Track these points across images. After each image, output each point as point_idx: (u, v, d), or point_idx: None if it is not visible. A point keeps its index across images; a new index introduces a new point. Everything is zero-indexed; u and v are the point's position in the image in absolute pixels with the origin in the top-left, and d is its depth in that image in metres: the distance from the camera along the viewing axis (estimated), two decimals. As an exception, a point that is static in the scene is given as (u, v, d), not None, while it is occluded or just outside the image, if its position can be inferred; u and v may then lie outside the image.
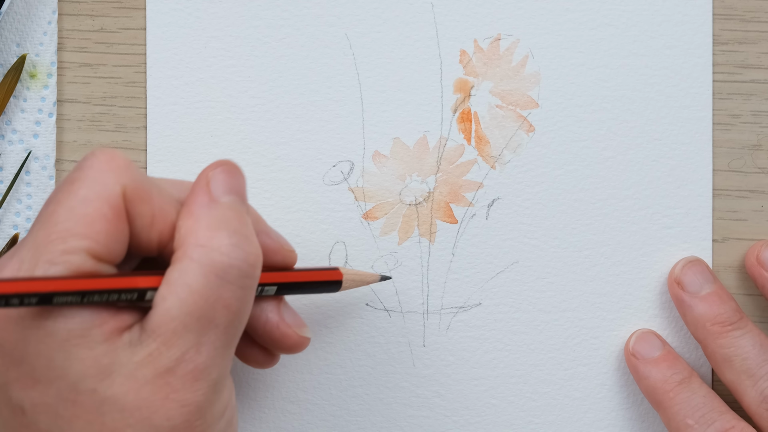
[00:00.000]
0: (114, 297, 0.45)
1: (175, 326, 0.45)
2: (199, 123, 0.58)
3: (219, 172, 0.48)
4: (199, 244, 0.45)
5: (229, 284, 0.45)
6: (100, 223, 0.45)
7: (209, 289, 0.45)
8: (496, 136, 0.58)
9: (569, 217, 0.58)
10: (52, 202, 0.45)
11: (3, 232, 0.57)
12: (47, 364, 0.44)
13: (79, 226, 0.44)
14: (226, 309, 0.45)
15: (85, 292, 0.44)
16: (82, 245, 0.44)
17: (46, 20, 0.57)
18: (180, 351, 0.45)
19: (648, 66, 0.58)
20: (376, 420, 0.57)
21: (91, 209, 0.45)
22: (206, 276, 0.45)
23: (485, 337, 0.58)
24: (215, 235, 0.46)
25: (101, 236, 0.45)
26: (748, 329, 0.55)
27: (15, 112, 0.57)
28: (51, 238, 0.44)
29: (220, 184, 0.47)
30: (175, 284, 0.45)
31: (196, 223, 0.46)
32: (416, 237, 0.58)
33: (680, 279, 0.56)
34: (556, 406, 0.58)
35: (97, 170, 0.45)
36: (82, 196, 0.45)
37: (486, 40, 0.58)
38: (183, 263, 0.45)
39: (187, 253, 0.45)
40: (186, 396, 0.45)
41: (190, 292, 0.45)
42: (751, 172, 0.58)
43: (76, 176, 0.46)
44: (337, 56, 0.58)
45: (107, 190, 0.45)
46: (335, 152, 0.58)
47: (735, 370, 0.54)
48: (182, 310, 0.45)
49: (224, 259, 0.45)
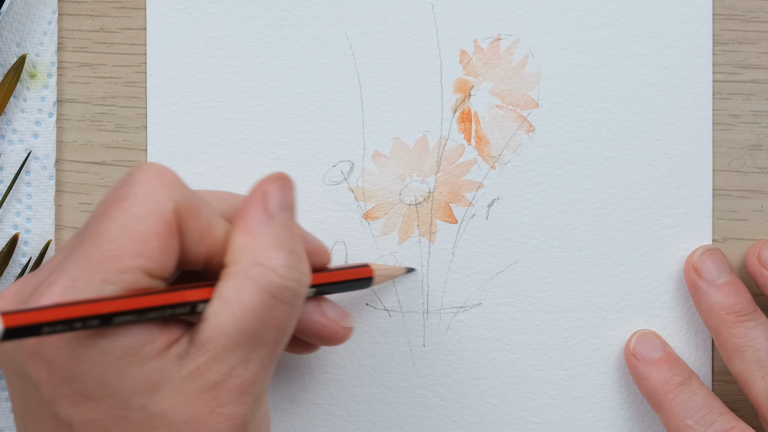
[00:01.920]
0: (168, 312, 0.45)
1: (226, 342, 0.45)
2: (199, 123, 0.58)
3: (276, 187, 0.47)
4: (256, 262, 0.45)
5: (282, 304, 0.46)
6: (155, 240, 0.44)
7: (263, 308, 0.45)
8: (496, 136, 0.58)
9: (569, 217, 0.58)
10: (102, 219, 0.45)
11: (3, 232, 0.57)
12: (100, 382, 0.44)
13: (134, 244, 0.44)
14: (277, 327, 0.46)
15: (142, 310, 0.44)
16: (138, 264, 0.44)
17: (46, 20, 0.57)
18: (229, 366, 0.45)
19: (648, 66, 0.58)
20: (376, 420, 0.57)
21: (145, 226, 0.44)
22: (261, 295, 0.45)
23: (485, 337, 0.58)
24: (273, 255, 0.46)
25: (155, 254, 0.44)
26: (762, 321, 0.55)
27: (15, 112, 0.57)
28: (105, 255, 0.44)
29: (276, 200, 0.47)
30: (229, 301, 0.45)
31: (253, 240, 0.46)
32: (416, 237, 0.58)
33: (698, 266, 0.56)
34: (556, 406, 0.58)
35: (149, 186, 0.45)
36: (136, 213, 0.44)
37: (486, 40, 0.58)
38: (238, 280, 0.45)
39: (243, 270, 0.45)
40: (232, 410, 0.45)
41: (245, 311, 0.45)
42: (751, 172, 0.58)
43: (126, 192, 0.45)
44: (337, 56, 0.58)
45: (160, 207, 0.45)
46: (335, 152, 0.58)
47: (746, 361, 0.55)
48: (235, 328, 0.45)
49: (280, 281, 0.45)
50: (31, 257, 0.57)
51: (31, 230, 0.57)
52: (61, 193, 0.58)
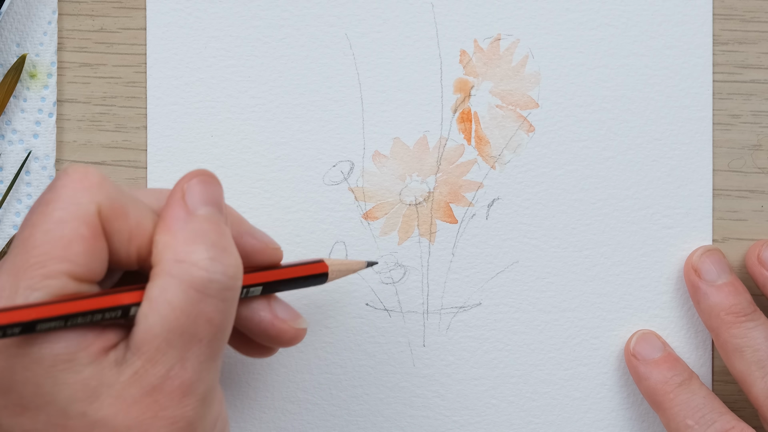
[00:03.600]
0: (98, 317, 0.44)
1: (158, 343, 0.44)
2: (199, 123, 0.58)
3: (195, 183, 0.47)
4: (176, 259, 0.45)
5: (210, 298, 0.45)
6: (78, 244, 0.44)
7: (190, 304, 0.44)
8: (496, 136, 0.58)
9: (569, 217, 0.58)
10: (27, 226, 0.45)
11: (3, 232, 0.57)
12: (35, 391, 0.43)
13: (57, 249, 0.44)
14: (209, 323, 0.45)
15: (68, 316, 0.43)
16: (62, 268, 0.44)
17: (46, 20, 0.57)
18: (165, 368, 0.44)
19: (648, 66, 0.58)
20: (376, 420, 0.57)
21: (67, 230, 0.44)
22: (186, 292, 0.44)
23: (485, 337, 0.58)
24: (193, 249, 0.45)
25: (80, 257, 0.44)
26: (761, 322, 0.55)
27: (15, 112, 0.57)
28: (30, 263, 0.43)
29: (196, 196, 0.47)
30: (155, 301, 0.44)
31: (173, 238, 0.45)
32: (416, 237, 0.58)
33: (698, 267, 0.56)
34: (556, 406, 0.58)
35: (71, 189, 0.45)
36: (57, 217, 0.44)
37: (486, 40, 0.58)
38: (162, 279, 0.45)
39: (165, 268, 0.45)
40: (175, 413, 0.44)
41: (171, 309, 0.44)
42: (751, 172, 0.58)
43: (49, 197, 0.45)
44: (337, 56, 0.58)
45: (82, 210, 0.44)
46: (335, 152, 0.58)
47: (745, 361, 0.55)
48: (164, 327, 0.44)
49: (203, 274, 0.45)
50: (31, 257, 0.57)
51: (31, 230, 0.57)
52: (61, 193, 0.58)
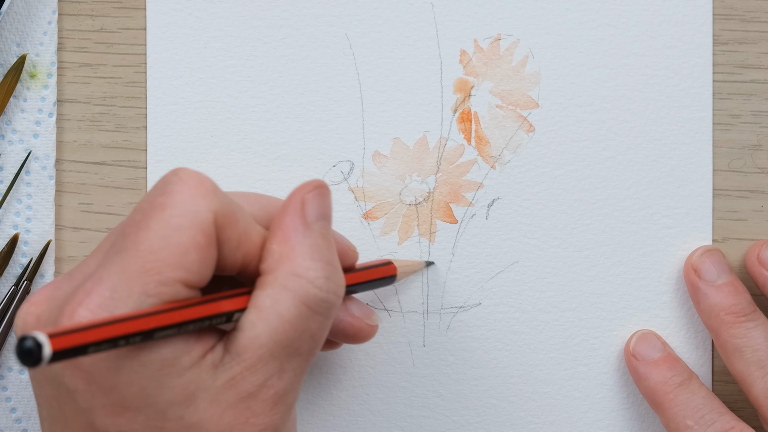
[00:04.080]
0: (206, 323, 0.44)
1: (262, 353, 0.44)
2: (199, 123, 0.58)
3: (314, 195, 0.47)
4: (295, 273, 0.45)
5: (318, 315, 0.45)
6: (195, 252, 0.44)
7: (300, 319, 0.45)
8: (496, 136, 0.58)
9: (569, 217, 0.58)
10: (141, 228, 0.44)
11: (3, 232, 0.57)
12: (138, 393, 0.43)
13: (174, 256, 0.43)
14: (311, 338, 0.46)
15: (182, 323, 0.43)
16: (177, 276, 0.43)
17: (46, 20, 0.57)
18: (264, 377, 0.45)
19: (648, 66, 0.58)
20: (376, 420, 0.57)
21: (185, 238, 0.44)
22: (298, 307, 0.45)
23: (485, 337, 0.58)
24: (311, 266, 0.45)
25: (195, 265, 0.44)
26: (761, 322, 0.55)
27: (15, 112, 0.57)
28: (145, 267, 0.43)
29: (314, 209, 0.47)
30: (266, 311, 0.45)
31: (291, 250, 0.46)
32: (416, 237, 0.58)
33: (697, 267, 0.56)
34: (556, 406, 0.58)
35: (188, 195, 0.44)
36: (175, 224, 0.44)
37: (486, 40, 0.58)
38: (275, 290, 0.45)
39: (280, 280, 0.45)
40: (265, 420, 0.45)
41: (282, 322, 0.45)
42: (751, 172, 0.58)
43: (164, 201, 0.44)
44: (337, 56, 0.58)
45: (200, 218, 0.44)
46: (335, 152, 0.58)
47: (745, 361, 0.55)
48: (271, 338, 0.44)
49: (317, 293, 0.45)
50: (31, 257, 0.57)
51: (31, 230, 0.57)
52: (61, 193, 0.58)
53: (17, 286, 0.57)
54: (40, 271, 0.57)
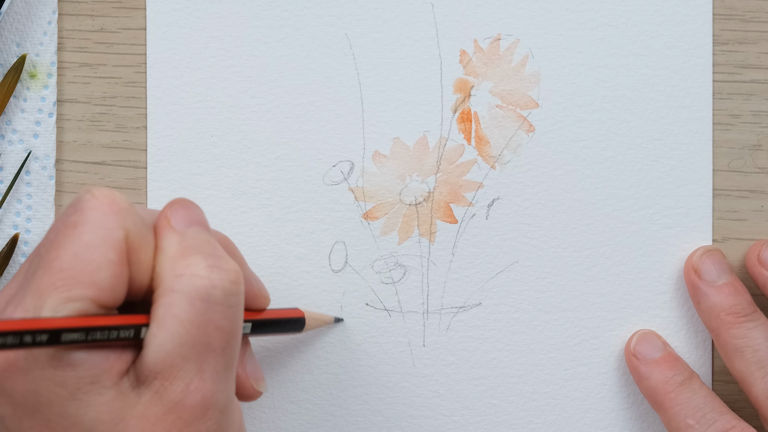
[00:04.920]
0: (114, 334, 0.44)
1: (172, 360, 0.44)
2: (199, 123, 0.58)
3: (177, 207, 0.47)
4: (176, 274, 0.45)
5: (216, 305, 0.45)
6: (106, 269, 0.44)
7: (198, 315, 0.44)
8: (496, 136, 0.58)
9: (569, 217, 0.58)
10: (53, 246, 0.44)
11: (3, 232, 0.57)
12: (60, 413, 0.43)
13: (85, 273, 0.43)
14: (219, 331, 0.45)
15: (89, 329, 0.43)
16: (88, 293, 0.43)
17: (46, 20, 0.57)
18: (184, 382, 0.44)
19: (648, 66, 0.58)
20: (376, 420, 0.57)
21: (96, 255, 0.44)
22: (191, 303, 0.44)
23: (485, 337, 0.58)
24: (189, 261, 0.45)
25: (106, 282, 0.44)
26: (761, 322, 0.55)
27: (15, 112, 0.57)
28: (56, 285, 0.43)
29: (179, 219, 0.47)
30: (163, 319, 0.44)
31: (169, 258, 0.45)
32: (416, 237, 0.58)
33: (698, 267, 0.56)
34: (556, 406, 0.58)
35: (100, 213, 0.44)
36: (86, 241, 0.44)
37: (486, 40, 0.58)
38: (165, 297, 0.45)
39: (166, 286, 0.45)
40: (199, 427, 0.44)
41: (180, 323, 0.44)
42: (751, 172, 0.58)
43: (76, 219, 0.45)
44: (337, 56, 0.58)
45: (112, 235, 0.44)
46: (335, 152, 0.58)
47: (745, 362, 0.55)
48: (176, 342, 0.44)
49: (205, 282, 0.45)
50: (31, 257, 0.57)
51: (31, 230, 0.57)
52: (61, 193, 0.58)
53: (17, 286, 0.57)
54: (40, 271, 0.57)
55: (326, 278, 0.57)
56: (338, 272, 0.57)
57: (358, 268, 0.57)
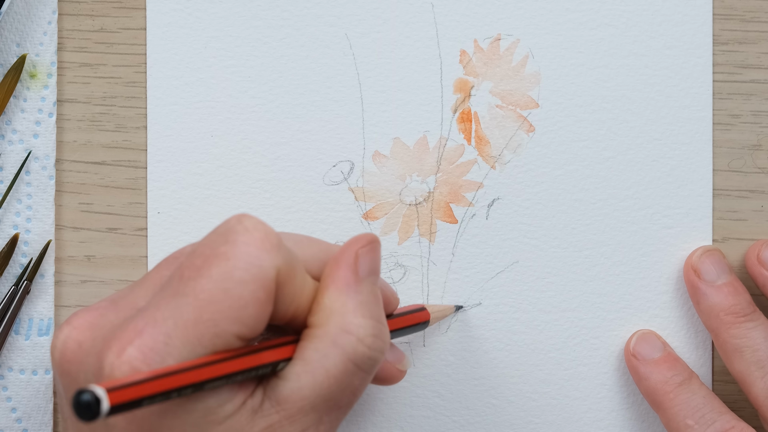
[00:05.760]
0: (253, 373, 0.44)
1: (303, 405, 0.44)
2: (199, 123, 0.58)
3: (367, 250, 0.47)
4: (345, 330, 0.45)
5: (362, 372, 0.46)
6: (254, 307, 0.44)
7: (345, 376, 0.45)
8: (496, 136, 0.58)
9: (569, 217, 0.58)
10: (202, 275, 0.43)
11: (3, 232, 0.57)
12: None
13: (233, 309, 0.43)
14: (353, 393, 0.46)
15: (230, 375, 0.43)
16: (233, 330, 0.43)
17: (46, 20, 0.57)
18: (301, 428, 0.45)
19: (648, 66, 0.58)
20: (376, 420, 0.57)
21: (246, 292, 0.43)
22: (345, 363, 0.45)
23: (485, 337, 0.58)
24: (361, 323, 0.45)
25: (252, 320, 0.44)
26: (761, 322, 0.55)
27: (15, 112, 0.57)
28: (203, 318, 0.43)
29: (366, 264, 0.47)
30: (313, 365, 0.45)
31: (343, 306, 0.46)
32: (416, 237, 0.58)
33: (697, 267, 0.56)
34: (556, 406, 0.58)
35: (253, 248, 0.44)
36: (238, 278, 0.43)
37: (486, 40, 0.58)
38: (324, 345, 0.45)
39: (330, 335, 0.45)
40: None
41: (327, 377, 0.45)
42: (751, 172, 0.58)
43: (228, 251, 0.44)
44: (337, 56, 0.58)
45: (263, 274, 0.44)
46: (335, 152, 0.58)
47: (745, 362, 0.55)
48: (315, 392, 0.45)
49: (365, 351, 0.45)
50: (31, 257, 0.57)
51: (31, 230, 0.57)
52: (61, 193, 0.58)
53: (17, 286, 0.57)
54: (40, 271, 0.57)
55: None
56: (338, 272, 0.57)
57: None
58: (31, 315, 0.57)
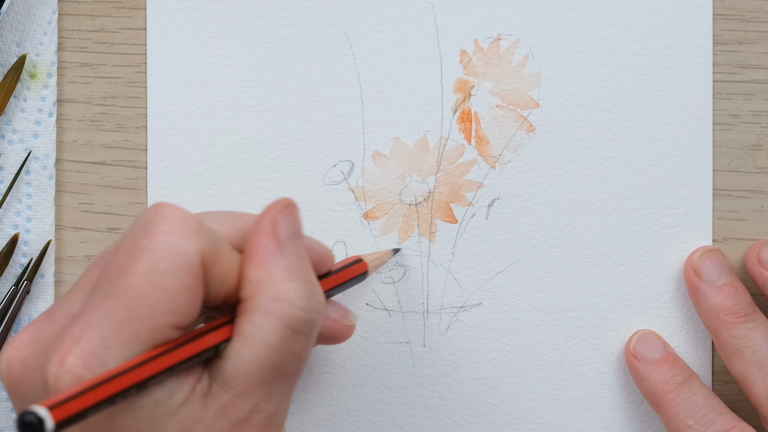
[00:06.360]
0: (195, 360, 0.44)
1: (250, 380, 0.44)
2: (199, 123, 0.58)
3: (284, 215, 0.47)
4: (275, 297, 0.45)
5: (302, 336, 0.45)
6: (184, 295, 0.43)
7: (285, 342, 0.45)
8: (496, 136, 0.58)
9: (569, 217, 0.58)
10: (127, 272, 0.43)
11: (3, 232, 0.57)
12: None
13: (164, 301, 0.43)
14: (298, 359, 0.45)
15: (173, 366, 0.43)
16: (168, 320, 0.43)
17: (46, 20, 0.57)
18: (254, 402, 0.44)
19: (648, 66, 0.58)
20: (376, 420, 0.57)
21: (174, 282, 0.43)
22: (282, 330, 0.45)
23: (485, 337, 0.58)
24: (291, 288, 0.45)
25: (185, 308, 0.43)
26: (761, 322, 0.55)
27: (15, 112, 0.57)
28: (136, 314, 0.43)
29: (285, 228, 0.46)
30: (251, 338, 0.44)
31: (269, 275, 0.45)
32: (416, 237, 0.58)
33: (697, 267, 0.56)
34: (556, 406, 0.58)
35: (174, 236, 0.44)
36: (164, 268, 0.43)
37: (486, 40, 0.58)
38: (258, 316, 0.44)
39: (262, 306, 0.45)
40: None
41: (267, 347, 0.44)
42: (751, 172, 0.58)
43: (149, 243, 0.44)
44: (337, 56, 0.58)
45: (188, 260, 0.44)
46: (335, 152, 0.58)
47: (745, 362, 0.55)
48: (258, 365, 0.44)
49: (300, 314, 0.45)
50: (31, 257, 0.57)
51: (31, 230, 0.57)
52: (61, 193, 0.58)
53: (17, 286, 0.57)
54: (40, 271, 0.57)
55: (326, 278, 0.57)
56: (338, 272, 0.57)
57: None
58: (31, 315, 0.57)
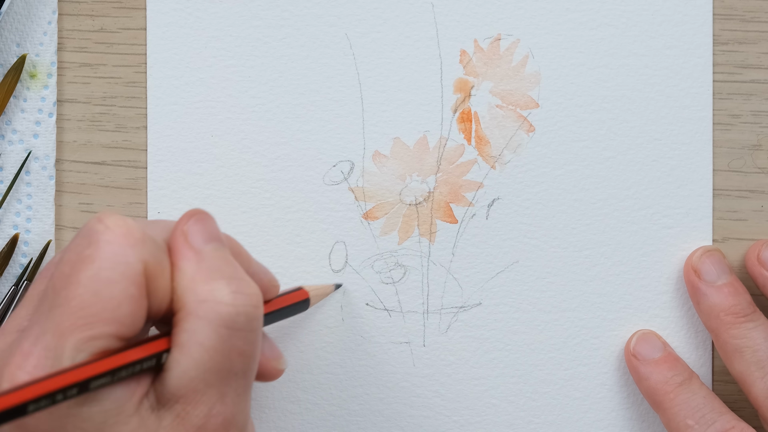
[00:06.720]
0: (138, 368, 0.44)
1: (195, 386, 0.44)
2: (199, 123, 0.58)
3: (193, 223, 0.46)
4: (200, 300, 0.44)
5: (240, 331, 0.45)
6: (127, 305, 0.43)
7: (222, 342, 0.44)
8: (496, 136, 0.58)
9: (569, 217, 0.58)
10: (71, 282, 0.43)
11: (3, 232, 0.57)
12: None
13: (106, 311, 0.43)
14: (242, 356, 0.45)
15: (115, 370, 0.43)
16: (110, 330, 0.43)
17: (46, 20, 0.57)
18: (207, 407, 0.44)
19: (648, 66, 0.58)
20: (376, 420, 0.57)
21: (117, 291, 0.43)
22: (216, 330, 0.44)
23: (485, 337, 0.58)
24: (213, 287, 0.45)
25: (128, 318, 0.43)
26: (761, 322, 0.55)
27: (15, 112, 0.57)
28: (77, 324, 0.43)
29: (197, 235, 0.46)
30: (186, 345, 0.44)
31: (190, 281, 0.45)
32: (416, 237, 0.58)
33: (697, 267, 0.56)
34: (556, 406, 0.58)
35: (117, 246, 0.44)
36: (106, 278, 0.43)
37: (486, 40, 0.58)
38: (189, 322, 0.44)
39: (190, 311, 0.44)
40: None
41: (204, 350, 0.44)
42: (751, 172, 0.58)
43: (93, 254, 0.44)
44: (337, 56, 0.58)
45: (131, 270, 0.44)
46: (335, 152, 0.58)
47: (745, 362, 0.55)
48: (200, 369, 0.44)
49: (230, 309, 0.44)
50: (31, 257, 0.57)
51: (31, 230, 0.57)
52: (61, 193, 0.58)
53: (17, 286, 0.57)
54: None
55: (326, 278, 0.57)
56: (338, 272, 0.58)
57: (358, 268, 0.57)
58: (31, 315, 0.57)
